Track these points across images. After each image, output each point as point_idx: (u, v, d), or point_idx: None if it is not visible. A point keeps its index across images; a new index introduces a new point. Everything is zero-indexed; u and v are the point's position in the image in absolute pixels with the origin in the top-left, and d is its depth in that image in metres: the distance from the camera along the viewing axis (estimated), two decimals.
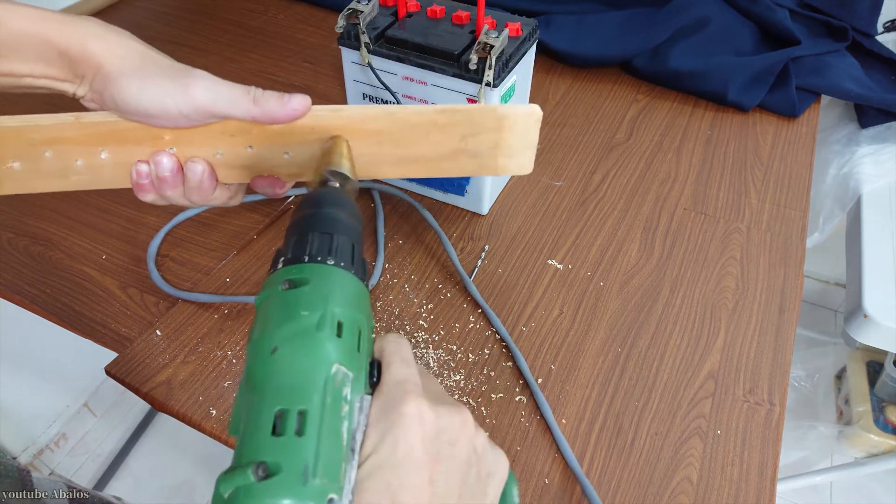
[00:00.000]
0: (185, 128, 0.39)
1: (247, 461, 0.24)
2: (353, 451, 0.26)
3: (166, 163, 0.40)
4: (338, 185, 0.38)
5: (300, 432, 0.24)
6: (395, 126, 0.42)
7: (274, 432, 0.24)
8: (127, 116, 0.38)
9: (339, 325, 0.28)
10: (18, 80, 0.37)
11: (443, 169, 0.45)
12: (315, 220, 0.32)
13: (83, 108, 0.39)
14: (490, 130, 0.44)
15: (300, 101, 0.38)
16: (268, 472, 0.23)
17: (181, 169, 0.41)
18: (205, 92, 0.37)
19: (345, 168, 0.39)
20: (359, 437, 0.27)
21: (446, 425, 0.28)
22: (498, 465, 0.31)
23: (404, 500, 0.25)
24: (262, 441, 0.24)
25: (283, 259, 0.30)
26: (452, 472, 0.27)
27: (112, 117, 0.39)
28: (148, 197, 0.42)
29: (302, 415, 0.25)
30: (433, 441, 0.27)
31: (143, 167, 0.40)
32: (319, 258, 0.30)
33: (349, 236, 0.32)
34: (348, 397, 0.27)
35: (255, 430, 0.25)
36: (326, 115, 0.41)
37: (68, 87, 0.38)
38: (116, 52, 0.36)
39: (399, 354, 0.30)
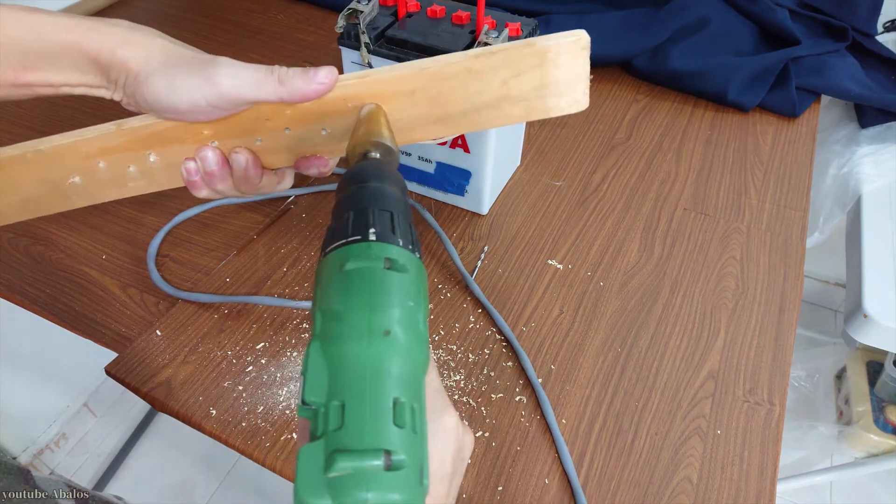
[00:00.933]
0: (221, 119, 0.39)
1: (370, 446, 0.22)
2: None
3: (211, 157, 0.40)
4: (379, 156, 0.36)
5: (415, 429, 0.24)
6: (428, 82, 0.39)
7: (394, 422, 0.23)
8: (162, 115, 0.39)
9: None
10: (57, 90, 0.38)
11: (487, 120, 0.42)
12: (395, 201, 0.31)
13: (125, 113, 0.40)
14: (532, 68, 0.40)
15: (326, 73, 0.37)
16: (391, 463, 0.22)
17: (226, 161, 0.41)
18: (229, 79, 0.36)
19: (385, 138, 0.37)
20: None
21: (465, 444, 0.30)
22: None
23: None
24: (385, 428, 0.23)
25: (373, 231, 0.29)
26: (458, 487, 0.29)
27: (150, 119, 0.39)
28: (202, 193, 0.42)
29: (414, 411, 0.24)
30: (457, 456, 0.29)
31: (191, 164, 0.41)
32: (411, 247, 0.29)
33: (413, 226, 0.32)
34: (423, 398, 0.27)
35: (374, 413, 0.23)
36: (356, 83, 0.39)
37: (104, 93, 0.39)
38: (142, 53, 0.37)
39: (430, 362, 0.31)
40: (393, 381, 0.25)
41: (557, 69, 0.40)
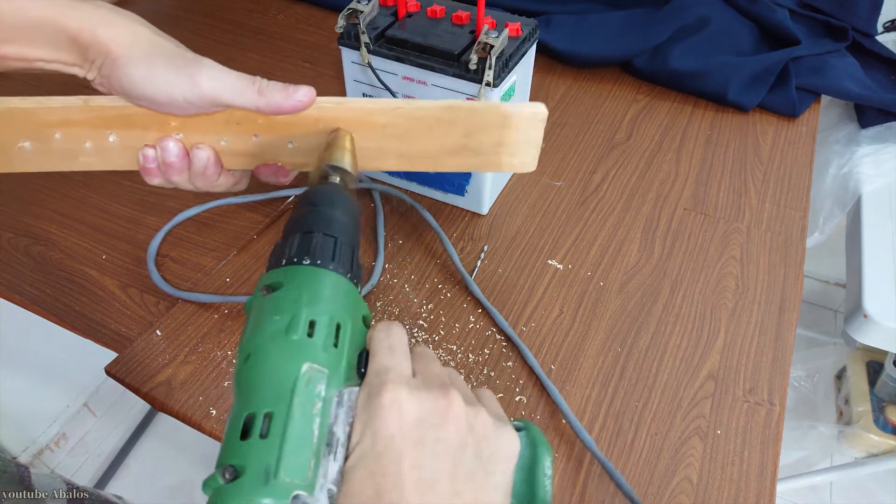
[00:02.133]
0: (191, 115, 0.39)
1: (219, 465, 0.25)
2: (329, 445, 0.27)
3: (172, 148, 0.40)
4: (337, 179, 0.38)
5: (264, 434, 0.26)
6: (399, 120, 0.42)
7: (243, 436, 0.26)
8: (134, 101, 0.39)
9: (312, 324, 0.29)
10: (30, 64, 0.38)
11: (446, 164, 0.45)
12: (300, 221, 0.33)
13: (94, 91, 0.40)
14: (494, 128, 0.44)
15: (305, 92, 0.39)
16: (234, 475, 0.25)
17: (187, 154, 0.41)
18: (210, 81, 0.37)
19: (346, 163, 0.39)
20: (338, 430, 0.27)
21: (429, 409, 0.28)
22: (502, 441, 0.30)
23: (386, 487, 0.26)
24: (231, 445, 0.26)
25: (268, 265, 0.32)
26: (440, 454, 0.27)
27: (120, 102, 0.39)
28: (154, 181, 0.42)
29: (268, 417, 0.26)
30: (414, 428, 0.27)
31: (150, 152, 0.41)
32: (296, 259, 0.31)
33: (333, 232, 0.33)
34: (322, 394, 0.27)
35: (228, 434, 0.26)
36: (331, 108, 0.41)
37: (78, 71, 0.38)
38: (125, 38, 0.37)
39: (386, 343, 0.30)
40: (250, 398, 0.27)
41: (517, 133, 0.44)
